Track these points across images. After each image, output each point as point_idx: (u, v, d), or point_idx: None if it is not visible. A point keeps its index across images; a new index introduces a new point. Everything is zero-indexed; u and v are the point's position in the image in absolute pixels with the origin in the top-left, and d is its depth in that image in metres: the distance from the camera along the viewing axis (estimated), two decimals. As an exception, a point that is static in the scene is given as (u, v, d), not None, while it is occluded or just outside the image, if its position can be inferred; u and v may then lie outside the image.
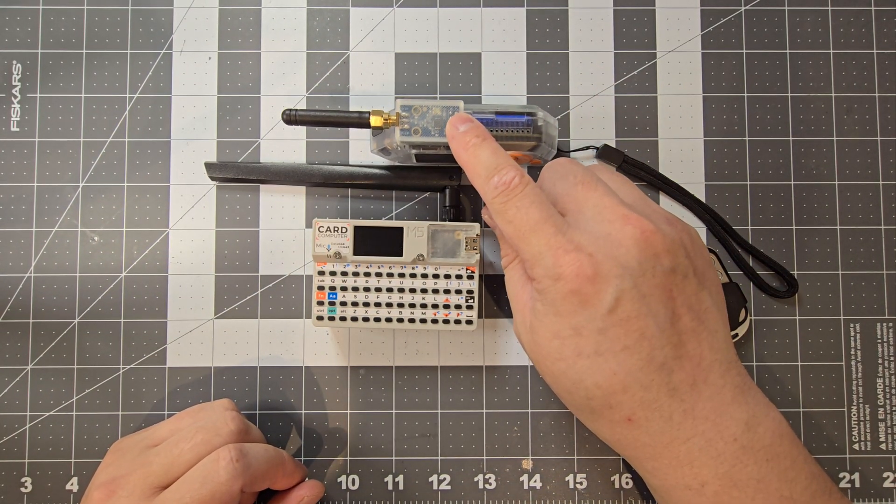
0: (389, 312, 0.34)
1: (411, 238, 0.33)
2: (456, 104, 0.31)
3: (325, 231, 0.33)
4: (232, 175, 0.37)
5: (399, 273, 0.34)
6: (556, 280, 0.26)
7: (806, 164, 0.38)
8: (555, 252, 0.27)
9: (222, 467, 0.28)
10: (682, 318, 0.27)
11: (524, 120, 0.32)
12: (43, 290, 0.37)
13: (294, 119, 0.32)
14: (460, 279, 0.34)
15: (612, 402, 0.27)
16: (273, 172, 0.37)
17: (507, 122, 0.32)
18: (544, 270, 0.27)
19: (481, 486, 0.36)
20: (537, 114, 0.33)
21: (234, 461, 0.28)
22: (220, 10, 0.38)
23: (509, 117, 0.32)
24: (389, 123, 0.31)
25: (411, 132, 0.31)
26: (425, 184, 0.37)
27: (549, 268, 0.27)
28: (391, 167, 0.37)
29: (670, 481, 0.27)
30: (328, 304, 0.34)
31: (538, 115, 0.33)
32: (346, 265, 0.34)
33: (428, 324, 0.34)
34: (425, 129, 0.31)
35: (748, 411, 0.27)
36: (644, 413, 0.27)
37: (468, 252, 0.33)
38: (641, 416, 0.27)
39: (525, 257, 0.28)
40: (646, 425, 0.27)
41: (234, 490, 0.28)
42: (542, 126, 0.33)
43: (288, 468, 0.32)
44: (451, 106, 0.31)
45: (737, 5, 0.38)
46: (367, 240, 0.33)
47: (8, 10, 0.38)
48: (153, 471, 0.29)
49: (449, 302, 0.34)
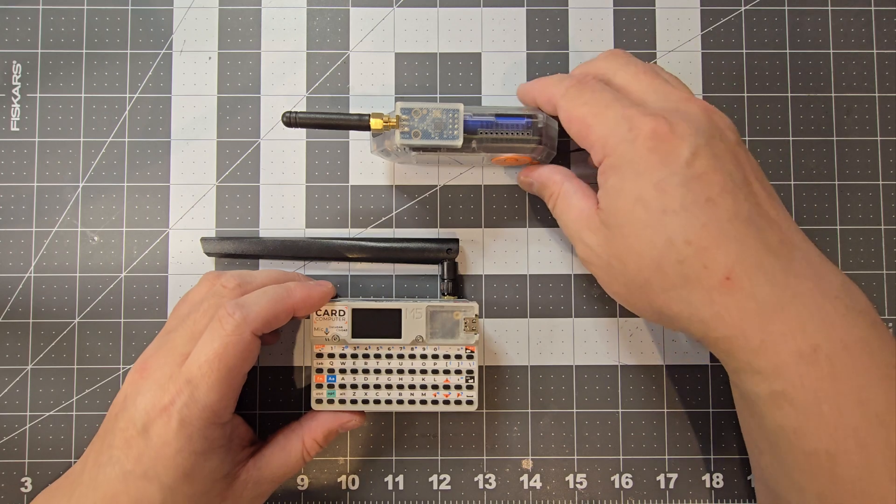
0: (389, 394, 0.33)
1: (410, 319, 0.33)
2: (456, 107, 0.31)
3: (322, 315, 0.33)
4: (229, 250, 0.37)
5: (398, 354, 0.34)
6: (633, 141, 0.27)
7: (806, 164, 0.38)
8: (630, 119, 0.28)
9: (224, 321, 0.29)
10: (753, 184, 0.28)
11: (524, 122, 0.32)
12: (43, 290, 0.37)
13: (294, 121, 0.31)
14: (460, 359, 0.34)
15: (707, 259, 0.26)
16: (270, 247, 0.36)
17: (507, 125, 0.32)
18: (619, 138, 0.28)
19: (481, 486, 0.36)
20: (537, 116, 0.33)
21: (232, 314, 0.29)
22: (220, 10, 0.38)
23: (509, 119, 0.32)
24: (389, 126, 0.31)
25: (411, 135, 0.31)
26: (423, 256, 0.36)
27: (625, 133, 0.28)
28: (388, 239, 0.37)
29: (782, 354, 0.26)
30: (327, 386, 0.34)
31: (538, 118, 0.32)
32: (344, 347, 0.34)
33: (428, 405, 0.33)
34: (425, 132, 0.31)
35: (839, 274, 0.27)
36: (744, 270, 0.26)
37: (467, 333, 0.33)
38: (742, 274, 0.26)
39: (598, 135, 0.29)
40: (749, 286, 0.26)
41: (244, 337, 0.29)
42: (543, 128, 0.33)
43: (297, 297, 0.32)
44: (451, 108, 0.31)
45: (737, 5, 0.38)
46: (365, 322, 0.33)
47: (8, 10, 0.38)
48: (177, 343, 0.30)
49: (449, 382, 0.34)
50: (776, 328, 0.26)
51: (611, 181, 0.28)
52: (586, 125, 0.29)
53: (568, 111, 0.30)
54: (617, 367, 0.37)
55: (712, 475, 0.37)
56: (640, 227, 0.27)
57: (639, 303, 0.30)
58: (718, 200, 0.27)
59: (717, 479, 0.37)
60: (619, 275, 0.29)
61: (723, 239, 0.26)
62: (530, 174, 0.34)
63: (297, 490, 0.36)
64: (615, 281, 0.30)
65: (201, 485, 0.29)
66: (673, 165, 0.27)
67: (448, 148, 0.31)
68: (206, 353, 0.29)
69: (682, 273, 0.27)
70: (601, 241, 0.29)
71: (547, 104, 0.32)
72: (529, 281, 0.37)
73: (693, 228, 0.26)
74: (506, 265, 0.37)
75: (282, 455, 0.32)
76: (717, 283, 0.26)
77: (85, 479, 0.29)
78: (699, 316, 0.27)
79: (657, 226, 0.27)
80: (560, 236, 0.37)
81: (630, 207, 0.28)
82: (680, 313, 0.28)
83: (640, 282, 0.28)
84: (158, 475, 0.28)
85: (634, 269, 0.28)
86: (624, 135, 0.28)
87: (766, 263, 0.26)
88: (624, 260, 0.28)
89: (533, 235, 0.37)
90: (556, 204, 0.32)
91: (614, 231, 0.28)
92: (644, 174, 0.27)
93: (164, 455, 0.28)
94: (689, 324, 0.28)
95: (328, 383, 0.34)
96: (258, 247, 0.36)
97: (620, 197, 0.28)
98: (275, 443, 0.33)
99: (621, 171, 0.28)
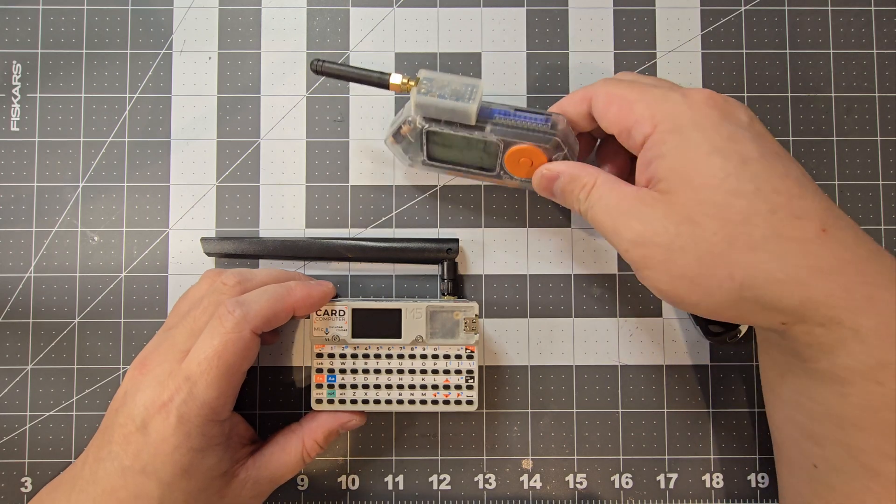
0: (389, 394, 0.34)
1: (410, 319, 0.33)
2: (475, 82, 0.31)
3: (322, 315, 0.33)
4: (229, 250, 0.37)
5: (398, 354, 0.34)
6: (691, 104, 0.27)
7: (806, 163, 0.38)
8: (680, 90, 0.28)
9: (224, 319, 0.29)
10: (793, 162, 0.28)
11: (543, 119, 0.31)
12: (43, 290, 0.37)
13: (320, 69, 0.32)
14: (459, 359, 0.34)
15: (797, 209, 0.25)
16: (270, 247, 0.36)
17: (525, 117, 0.31)
18: (672, 104, 0.28)
19: (481, 486, 0.36)
20: (558, 116, 0.32)
21: (231, 312, 0.29)
22: (220, 10, 0.38)
23: (528, 114, 0.32)
24: (409, 87, 0.31)
25: (428, 94, 0.30)
26: (423, 256, 0.36)
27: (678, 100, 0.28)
28: (388, 239, 0.36)
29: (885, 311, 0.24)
30: (327, 386, 0.34)
31: (558, 118, 0.31)
32: (344, 347, 0.34)
33: (428, 405, 0.34)
34: (441, 95, 0.30)
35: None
36: (834, 221, 0.25)
37: (467, 333, 0.33)
38: (833, 225, 0.25)
39: (644, 108, 0.28)
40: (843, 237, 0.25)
41: (244, 335, 0.29)
42: (563, 129, 0.31)
43: (297, 295, 0.32)
44: (471, 84, 0.30)
45: (737, 5, 0.38)
46: (365, 322, 0.33)
47: (8, 10, 0.38)
48: (177, 340, 0.31)
49: (449, 382, 0.34)
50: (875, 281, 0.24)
51: (669, 143, 0.27)
52: (628, 101, 0.29)
53: (608, 91, 0.29)
54: (617, 367, 0.37)
55: (712, 475, 0.37)
56: (719, 177, 0.25)
57: (717, 279, 0.25)
58: (785, 155, 0.27)
59: (717, 479, 0.37)
60: (692, 244, 0.26)
61: (807, 191, 0.25)
62: (555, 167, 0.31)
63: (297, 490, 0.36)
64: (685, 256, 0.26)
65: (199, 481, 0.29)
66: (736, 122, 0.27)
67: (462, 117, 0.30)
68: (206, 350, 0.29)
69: (772, 224, 0.25)
70: (664, 212, 0.26)
71: (579, 103, 0.31)
72: (529, 281, 0.37)
73: (776, 177, 0.25)
74: (506, 265, 0.37)
75: (282, 455, 0.32)
76: (813, 235, 0.24)
77: (85, 474, 0.29)
78: (797, 275, 0.24)
79: (740, 174, 0.25)
80: (560, 236, 0.37)
81: (704, 158, 0.26)
82: (772, 276, 0.25)
83: (722, 245, 0.25)
84: (157, 471, 0.28)
85: (716, 226, 0.25)
86: (677, 101, 0.27)
87: (843, 217, 0.26)
88: (699, 221, 0.25)
89: (533, 235, 0.37)
90: (593, 192, 0.29)
91: (682, 191, 0.26)
92: (711, 129, 0.26)
93: (162, 451, 0.28)
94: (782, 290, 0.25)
95: (328, 383, 0.34)
96: (258, 247, 0.36)
97: (689, 153, 0.26)
98: (275, 443, 0.33)
99: (682, 131, 0.27)
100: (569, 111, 0.31)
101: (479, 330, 0.34)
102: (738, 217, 0.25)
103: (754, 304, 0.26)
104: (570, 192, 0.31)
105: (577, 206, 0.31)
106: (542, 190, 0.32)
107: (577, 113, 0.31)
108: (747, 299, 0.26)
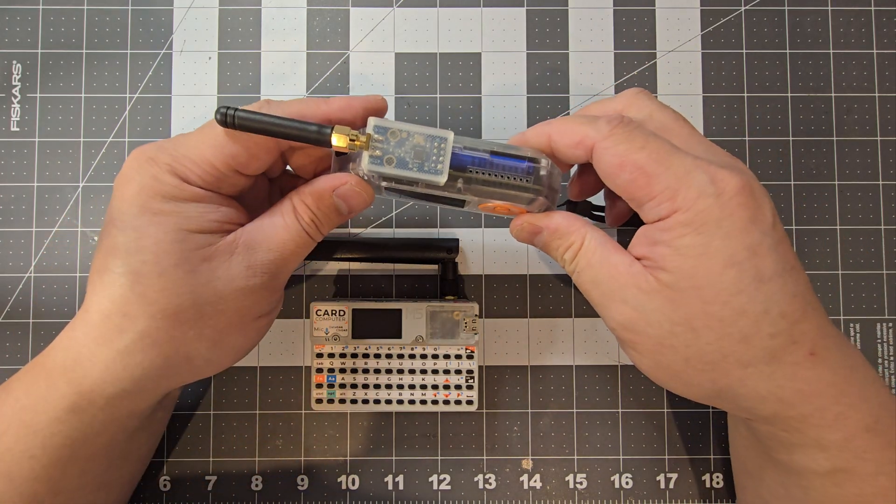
0: (389, 394, 0.34)
1: (410, 319, 0.34)
2: (445, 134, 0.25)
3: (322, 315, 0.33)
4: None
5: (398, 354, 0.34)
6: (719, 196, 0.24)
7: (806, 164, 0.38)
8: (706, 168, 0.24)
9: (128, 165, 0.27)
10: None
11: (525, 166, 0.26)
12: (43, 290, 0.37)
13: (230, 121, 0.25)
14: (460, 359, 0.34)
15: (796, 334, 0.24)
16: None
17: (503, 166, 0.26)
18: (698, 191, 0.24)
19: (481, 486, 0.36)
20: (541, 161, 0.26)
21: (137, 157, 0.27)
22: (220, 10, 0.38)
23: (508, 160, 0.26)
24: (356, 146, 0.25)
25: (383, 161, 0.25)
26: (423, 256, 0.36)
27: (705, 185, 0.24)
28: (388, 239, 0.36)
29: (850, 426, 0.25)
30: (327, 386, 0.34)
31: (542, 163, 0.26)
32: (344, 347, 0.34)
33: (428, 405, 0.34)
34: (401, 160, 0.25)
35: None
36: (824, 342, 0.25)
37: (467, 332, 0.34)
38: (822, 347, 0.25)
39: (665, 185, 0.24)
40: (828, 358, 0.25)
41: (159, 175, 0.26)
42: (546, 176, 0.26)
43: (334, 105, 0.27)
44: (438, 136, 0.25)
45: (737, 5, 0.38)
46: (365, 322, 0.34)
47: (8, 10, 0.38)
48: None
49: (449, 382, 0.34)
50: (847, 401, 0.25)
51: (687, 239, 0.24)
52: (646, 174, 0.24)
53: (621, 156, 0.25)
54: (617, 367, 0.37)
55: (712, 475, 0.37)
56: (731, 293, 0.24)
57: (698, 379, 0.26)
58: (797, 267, 0.25)
59: (717, 479, 0.37)
60: (684, 346, 0.25)
61: (809, 311, 0.25)
62: (537, 220, 0.28)
63: (298, 490, 0.36)
64: (675, 354, 0.25)
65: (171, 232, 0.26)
66: (763, 226, 0.24)
67: (428, 184, 0.25)
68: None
69: (769, 347, 0.24)
70: (661, 306, 0.25)
71: (576, 147, 0.26)
72: (529, 281, 0.37)
73: (786, 299, 0.24)
74: (506, 265, 0.37)
75: (272, 217, 0.28)
76: (802, 359, 0.25)
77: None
78: (779, 394, 0.25)
79: (753, 294, 0.24)
80: (560, 236, 0.37)
81: (720, 270, 0.24)
82: (755, 391, 0.25)
83: (714, 355, 0.25)
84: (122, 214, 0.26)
85: (712, 338, 0.25)
86: (704, 188, 0.24)
87: (832, 334, 0.25)
88: (698, 329, 0.25)
89: (533, 235, 0.37)
90: (580, 257, 0.27)
91: (688, 295, 0.24)
92: (735, 235, 0.24)
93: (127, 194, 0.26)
94: (760, 403, 0.25)
95: (328, 383, 0.34)
96: None
97: (705, 258, 0.24)
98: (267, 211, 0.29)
99: (705, 229, 0.24)
100: (560, 148, 0.27)
101: (479, 330, 0.34)
102: (738, 335, 0.24)
103: (730, 404, 0.27)
104: (555, 250, 0.28)
105: (561, 264, 0.28)
106: (520, 240, 0.29)
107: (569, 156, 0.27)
108: (725, 399, 0.26)
